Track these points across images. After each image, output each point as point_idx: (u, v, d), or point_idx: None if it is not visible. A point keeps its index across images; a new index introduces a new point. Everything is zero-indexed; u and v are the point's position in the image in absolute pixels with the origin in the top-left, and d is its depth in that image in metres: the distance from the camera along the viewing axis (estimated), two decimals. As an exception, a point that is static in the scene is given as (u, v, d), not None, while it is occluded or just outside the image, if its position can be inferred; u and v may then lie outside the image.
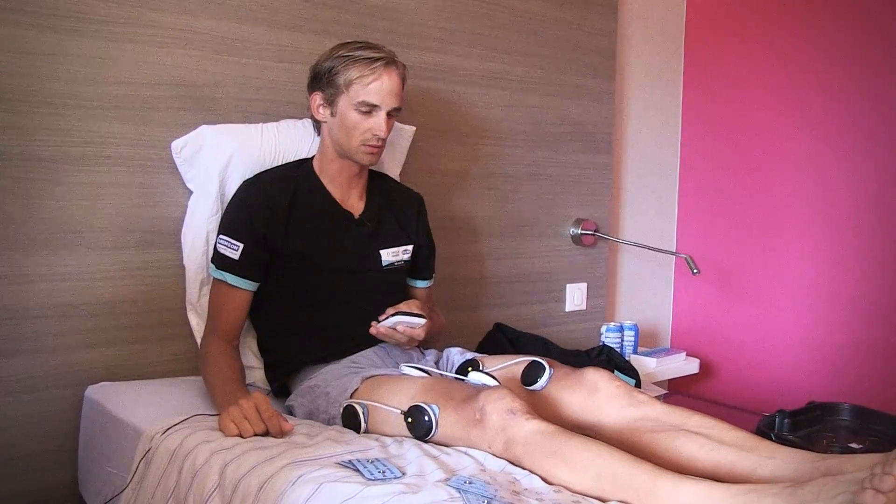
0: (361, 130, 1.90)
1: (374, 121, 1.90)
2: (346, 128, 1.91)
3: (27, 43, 1.81)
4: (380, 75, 1.88)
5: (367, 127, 1.90)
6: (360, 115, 1.89)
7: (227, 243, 1.89)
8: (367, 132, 1.90)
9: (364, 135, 1.91)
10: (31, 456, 1.88)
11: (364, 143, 1.91)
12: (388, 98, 1.89)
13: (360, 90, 1.88)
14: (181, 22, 2.02)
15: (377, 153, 1.94)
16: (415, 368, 1.82)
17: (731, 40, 3.34)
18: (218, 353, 1.85)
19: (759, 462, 1.50)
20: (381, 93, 1.88)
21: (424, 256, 2.18)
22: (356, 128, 1.90)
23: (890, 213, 2.92)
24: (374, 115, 1.90)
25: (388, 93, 1.89)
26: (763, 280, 3.27)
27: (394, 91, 1.90)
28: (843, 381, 3.01)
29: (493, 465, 1.44)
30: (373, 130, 1.90)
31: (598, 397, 1.72)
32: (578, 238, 3.00)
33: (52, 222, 1.87)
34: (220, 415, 1.62)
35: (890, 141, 2.92)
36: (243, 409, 1.59)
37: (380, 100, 1.88)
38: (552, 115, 2.89)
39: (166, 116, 2.01)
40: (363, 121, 1.90)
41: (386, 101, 1.89)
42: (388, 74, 1.89)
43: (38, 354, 1.87)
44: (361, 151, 1.93)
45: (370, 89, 1.88)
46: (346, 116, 1.91)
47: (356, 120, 1.90)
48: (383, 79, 1.88)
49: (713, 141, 3.41)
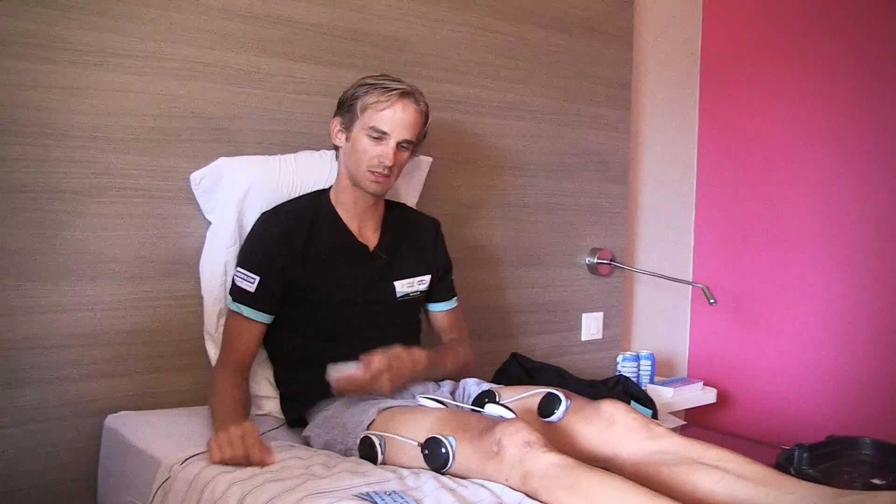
0: (369, 156, 1.91)
1: (383, 149, 1.91)
2: (357, 153, 1.93)
3: (48, 77, 1.84)
4: (393, 104, 1.89)
5: (375, 154, 1.91)
6: (371, 140, 1.91)
7: (244, 276, 1.91)
8: (373, 159, 1.91)
9: (371, 161, 1.92)
10: (51, 484, 1.89)
11: (370, 169, 1.92)
12: (398, 128, 1.90)
13: (372, 115, 1.90)
14: (200, 55, 2.05)
15: (383, 183, 1.95)
16: (431, 399, 1.82)
17: (747, 70, 3.35)
18: (226, 384, 1.87)
19: (778, 497, 1.49)
20: (392, 121, 1.90)
21: (441, 278, 2.18)
22: (365, 153, 1.92)
23: (908, 243, 2.91)
24: (383, 143, 1.91)
25: (400, 123, 1.90)
26: (780, 310, 3.26)
27: (406, 122, 1.91)
28: (863, 415, 2.98)
29: (510, 499, 1.44)
30: (380, 157, 1.91)
31: (614, 430, 1.71)
32: (594, 267, 3.00)
33: (73, 253, 1.89)
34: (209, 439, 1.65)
35: (907, 170, 2.91)
36: (229, 435, 1.62)
37: (390, 128, 1.90)
38: (568, 144, 2.90)
39: (185, 148, 2.04)
40: (372, 147, 1.91)
41: (396, 131, 1.90)
42: (402, 105, 1.90)
43: (58, 384, 1.89)
44: (367, 178, 1.94)
45: (382, 116, 1.89)
46: (358, 141, 1.92)
47: (366, 146, 1.91)
48: (396, 107, 1.90)
49: (729, 170, 3.41)
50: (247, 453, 1.60)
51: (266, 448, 1.64)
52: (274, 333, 1.98)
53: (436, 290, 2.17)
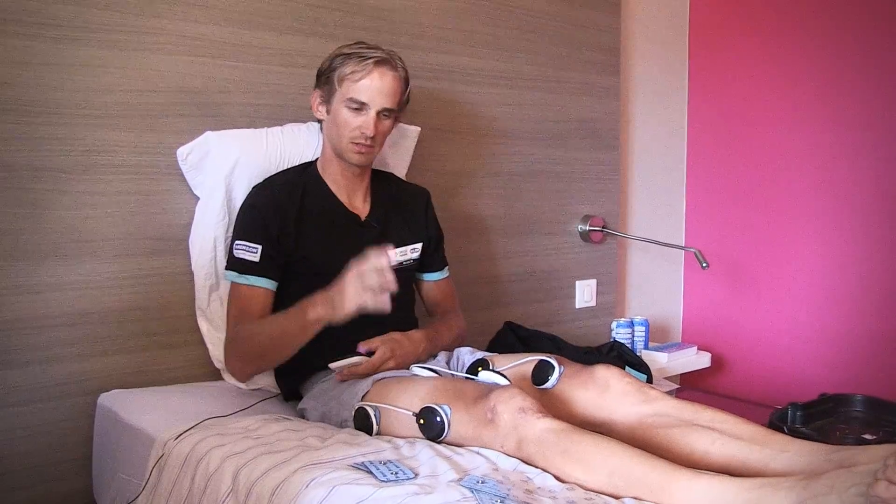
0: (350, 128, 1.89)
1: (363, 119, 1.89)
2: (338, 125, 1.91)
3: (30, 53, 1.82)
4: (370, 72, 1.87)
5: (356, 125, 1.89)
6: (350, 112, 1.89)
7: (246, 247, 1.89)
8: (355, 130, 1.89)
9: (353, 133, 1.90)
10: (45, 464, 1.89)
11: (352, 140, 1.90)
12: (377, 97, 1.88)
13: (350, 86, 1.87)
14: (184, 28, 2.02)
15: (366, 153, 1.93)
16: (425, 369, 1.82)
17: (736, 34, 3.33)
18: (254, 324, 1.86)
19: (773, 455, 1.49)
20: (370, 90, 1.87)
21: (433, 248, 2.17)
22: (346, 125, 1.90)
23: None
24: (363, 114, 1.89)
25: (378, 91, 1.88)
26: (772, 272, 3.26)
27: (384, 91, 1.88)
28: (854, 373, 2.99)
29: (506, 465, 1.44)
30: (361, 129, 1.89)
31: (609, 394, 1.71)
32: (587, 235, 2.99)
33: (60, 232, 1.88)
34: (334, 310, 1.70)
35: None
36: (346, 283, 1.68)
37: (368, 98, 1.87)
38: (557, 112, 2.89)
39: (171, 123, 2.02)
40: (353, 118, 1.89)
41: (375, 100, 1.88)
42: (379, 73, 1.87)
43: (50, 364, 1.88)
44: (351, 150, 1.92)
45: (359, 86, 1.87)
46: (338, 113, 1.90)
47: (346, 117, 1.89)
48: (373, 76, 1.87)
49: (720, 134, 3.40)
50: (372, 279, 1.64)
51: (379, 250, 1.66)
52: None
53: (428, 261, 2.16)
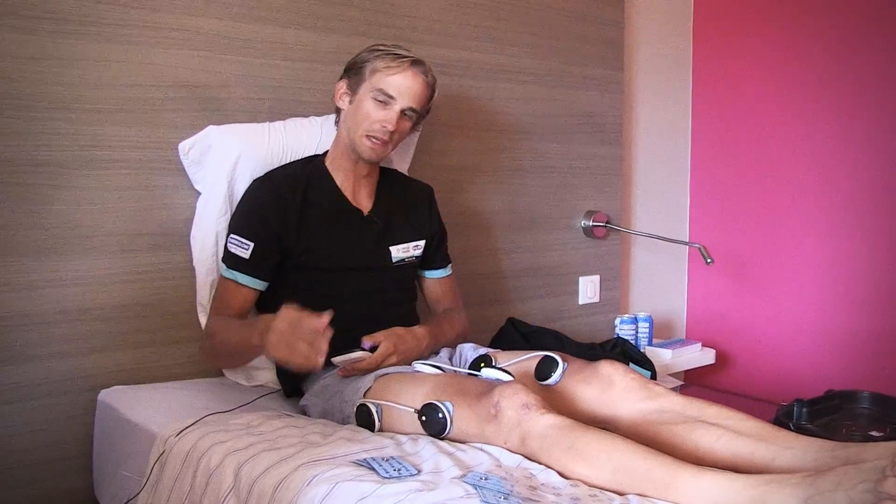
0: (371, 120, 1.89)
1: (386, 113, 1.89)
2: (359, 115, 1.91)
3: (29, 47, 1.80)
4: (404, 70, 1.88)
5: (378, 118, 1.89)
6: (375, 104, 1.89)
7: (238, 242, 1.89)
8: (375, 123, 1.89)
9: (373, 125, 1.89)
10: (46, 461, 1.88)
11: (369, 133, 1.90)
12: (405, 95, 1.89)
13: (381, 78, 1.88)
14: (185, 23, 2.01)
15: (379, 149, 1.92)
16: (428, 365, 1.81)
17: (741, 28, 3.31)
18: (222, 320, 1.86)
19: (778, 452, 1.48)
20: (400, 87, 1.88)
21: (435, 246, 2.16)
22: (368, 116, 1.89)
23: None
24: (388, 108, 1.89)
25: (408, 90, 1.89)
26: (778, 268, 3.24)
27: (413, 91, 1.89)
28: (861, 369, 2.98)
29: (509, 461, 1.43)
30: (382, 122, 1.88)
31: (613, 390, 1.70)
32: (590, 230, 2.98)
33: (61, 227, 1.87)
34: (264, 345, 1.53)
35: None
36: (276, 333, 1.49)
37: (397, 93, 1.88)
38: (561, 107, 2.87)
39: (173, 118, 2.00)
40: (376, 110, 1.89)
41: (403, 97, 1.88)
42: (412, 72, 1.89)
43: (50, 360, 1.87)
44: (365, 144, 1.91)
45: (391, 80, 1.88)
46: (362, 103, 1.90)
47: (369, 109, 1.89)
48: (407, 74, 1.88)
49: (724, 129, 3.39)
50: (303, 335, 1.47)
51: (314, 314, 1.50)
52: (270, 301, 1.95)
53: (431, 258, 2.15)
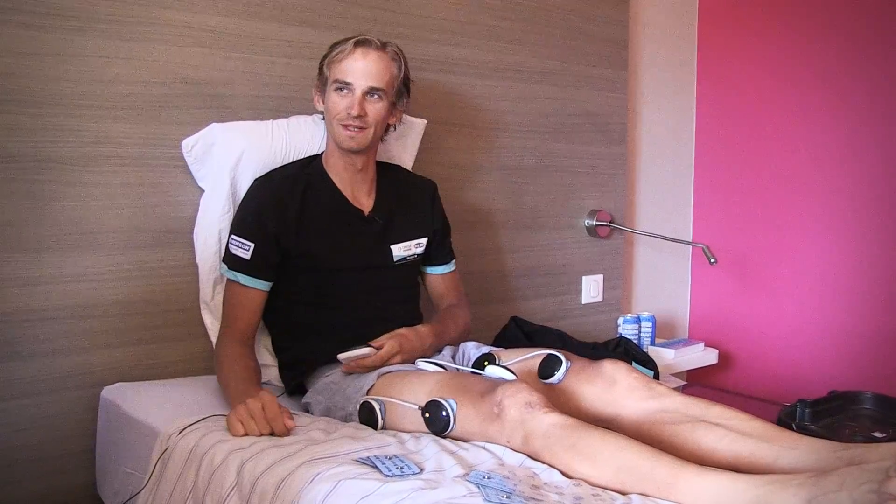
0: (337, 110, 1.89)
1: (349, 100, 1.88)
2: (329, 109, 1.92)
3: (34, 44, 1.80)
4: (350, 52, 1.87)
5: (343, 106, 1.88)
6: (338, 95, 1.89)
7: (239, 243, 1.89)
8: (342, 112, 1.88)
9: (340, 114, 1.89)
10: (49, 458, 1.88)
11: (341, 122, 1.89)
12: (360, 76, 1.87)
13: (335, 69, 1.89)
14: (189, 19, 2.01)
15: (358, 136, 1.91)
16: (431, 363, 1.81)
17: (745, 29, 3.30)
18: (232, 355, 1.84)
19: (781, 453, 1.47)
20: (353, 70, 1.87)
21: (438, 241, 2.15)
22: (333, 108, 1.90)
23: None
24: (348, 95, 1.88)
25: (361, 71, 1.87)
26: (781, 268, 3.24)
27: (368, 70, 1.87)
28: (864, 370, 2.97)
29: (512, 460, 1.43)
30: (347, 109, 1.88)
31: (616, 390, 1.70)
32: (593, 229, 2.97)
33: (64, 223, 1.87)
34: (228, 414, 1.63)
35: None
36: (249, 408, 1.59)
37: (352, 77, 1.87)
38: (565, 106, 2.87)
39: (176, 115, 2.00)
40: (339, 100, 1.89)
41: (359, 80, 1.87)
42: (361, 51, 1.87)
43: (54, 356, 1.87)
44: (341, 134, 1.91)
45: (342, 66, 1.88)
46: (329, 98, 1.91)
47: (334, 100, 1.90)
48: (355, 55, 1.87)
49: (728, 129, 3.38)
50: (269, 425, 1.57)
51: (287, 413, 1.61)
52: (272, 301, 1.96)
53: (434, 253, 2.15)
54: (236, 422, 1.57)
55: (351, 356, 1.78)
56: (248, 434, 1.56)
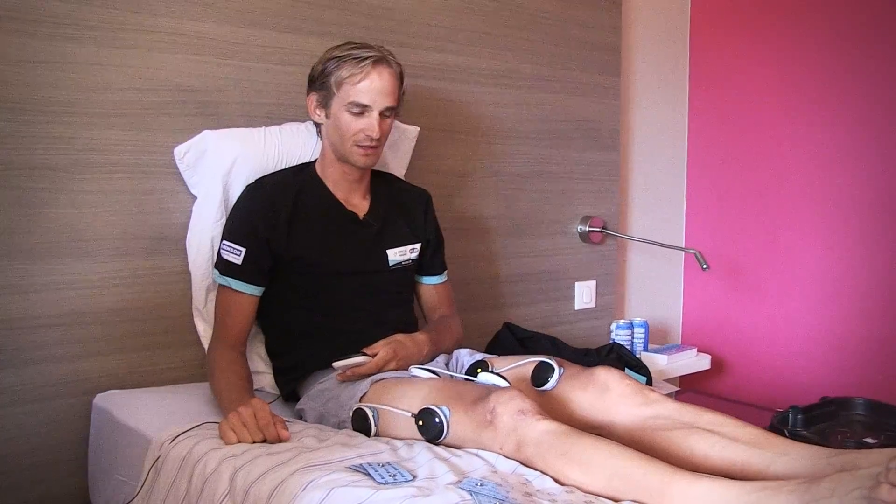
0: (353, 132, 1.87)
1: (366, 121, 1.87)
2: (340, 129, 1.89)
3: (26, 51, 1.80)
4: (368, 74, 1.84)
5: (360, 128, 1.87)
6: (352, 116, 1.87)
7: (230, 248, 1.89)
8: (358, 133, 1.87)
9: (356, 136, 1.88)
10: (41, 465, 1.87)
11: (356, 143, 1.88)
12: (378, 98, 1.86)
13: (349, 90, 1.85)
14: (182, 27, 2.01)
15: (372, 155, 1.91)
16: (424, 370, 1.81)
17: (737, 34, 3.32)
18: (224, 361, 1.84)
19: (773, 459, 1.48)
20: (371, 92, 1.85)
21: (431, 252, 2.15)
22: (348, 129, 1.88)
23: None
24: (365, 116, 1.87)
25: (379, 92, 1.86)
26: (774, 274, 3.25)
27: (385, 90, 1.86)
28: (856, 376, 2.98)
29: (505, 467, 1.43)
30: (365, 131, 1.87)
31: (609, 396, 1.70)
32: (586, 235, 2.98)
33: (57, 231, 1.86)
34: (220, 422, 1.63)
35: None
36: (241, 417, 1.59)
37: (370, 100, 1.85)
38: (558, 112, 2.87)
39: (169, 122, 2.00)
40: (355, 122, 1.87)
41: (377, 101, 1.86)
42: (377, 73, 1.85)
43: (46, 364, 1.87)
44: (355, 153, 1.90)
45: (359, 89, 1.85)
46: (339, 118, 1.88)
47: (348, 121, 1.87)
48: (373, 77, 1.85)
49: (721, 135, 3.39)
50: (262, 433, 1.58)
51: (280, 422, 1.62)
52: (266, 306, 1.96)
53: (427, 264, 2.15)
54: (228, 430, 1.58)
55: (346, 364, 1.78)
56: (240, 442, 1.56)
